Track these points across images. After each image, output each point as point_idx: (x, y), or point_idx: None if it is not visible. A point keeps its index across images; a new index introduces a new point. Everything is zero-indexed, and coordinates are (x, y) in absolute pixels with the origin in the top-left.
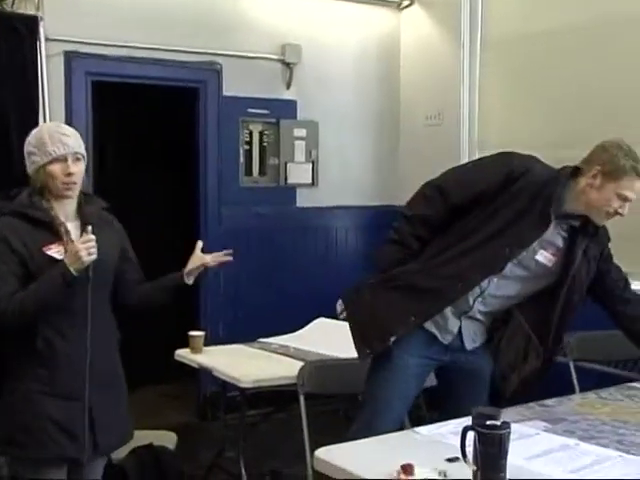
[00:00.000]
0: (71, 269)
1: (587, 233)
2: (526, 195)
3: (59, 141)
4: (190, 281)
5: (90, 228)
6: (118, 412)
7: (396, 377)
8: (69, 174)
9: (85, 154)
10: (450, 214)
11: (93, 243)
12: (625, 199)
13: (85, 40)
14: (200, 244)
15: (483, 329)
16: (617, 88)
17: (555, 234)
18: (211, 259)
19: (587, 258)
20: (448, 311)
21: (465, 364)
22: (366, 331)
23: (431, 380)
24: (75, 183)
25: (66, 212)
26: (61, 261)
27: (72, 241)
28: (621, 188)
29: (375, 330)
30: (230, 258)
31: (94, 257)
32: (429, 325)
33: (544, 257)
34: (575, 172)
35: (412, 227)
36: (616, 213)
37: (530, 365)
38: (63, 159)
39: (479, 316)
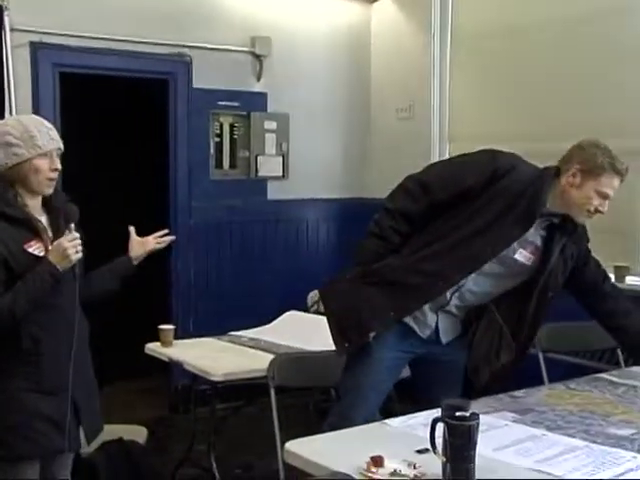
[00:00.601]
0: (58, 267)
1: (566, 231)
2: (510, 193)
3: (47, 135)
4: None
5: (73, 226)
6: (94, 402)
7: (372, 370)
8: (55, 169)
9: (61, 146)
10: (431, 210)
11: (79, 241)
12: (605, 196)
13: (52, 31)
14: (132, 229)
15: (458, 323)
16: (587, 82)
17: (535, 233)
18: (152, 240)
19: (564, 256)
20: (426, 306)
21: (440, 356)
22: (344, 326)
23: (404, 371)
24: (55, 179)
25: (35, 206)
26: (44, 259)
27: (49, 238)
28: (601, 185)
29: (354, 325)
30: (172, 237)
31: (80, 255)
32: (408, 319)
33: (523, 256)
34: (556, 172)
35: (394, 221)
36: (597, 211)
37: (502, 359)
38: (50, 154)
39: (455, 310)
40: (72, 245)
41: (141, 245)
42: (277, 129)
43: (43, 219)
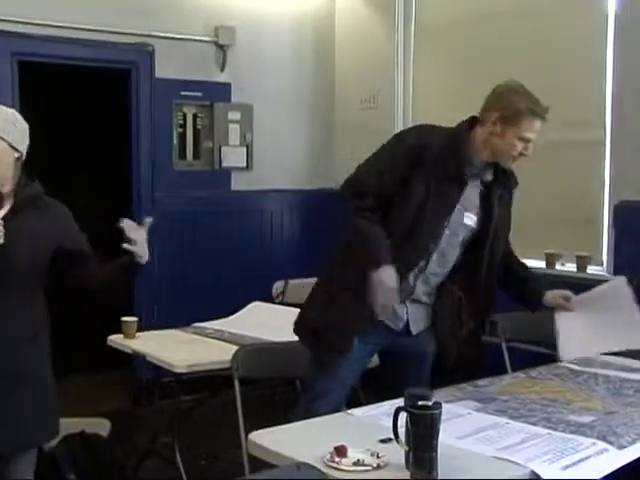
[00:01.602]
0: None
1: (500, 182)
2: (435, 162)
3: None
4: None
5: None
6: (36, 408)
7: (340, 364)
8: None
9: (5, 135)
10: (380, 205)
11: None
12: (527, 140)
13: (9, 18)
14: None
15: (428, 312)
16: (551, 72)
17: (473, 193)
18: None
19: (502, 207)
20: None
21: (409, 347)
22: (326, 335)
23: (373, 362)
24: None
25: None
26: None
27: None
28: (522, 131)
29: (336, 333)
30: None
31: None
32: None
33: (470, 219)
34: (473, 122)
35: (359, 201)
36: (521, 155)
37: (465, 329)
38: None
39: (424, 298)
40: None
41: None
42: (241, 120)
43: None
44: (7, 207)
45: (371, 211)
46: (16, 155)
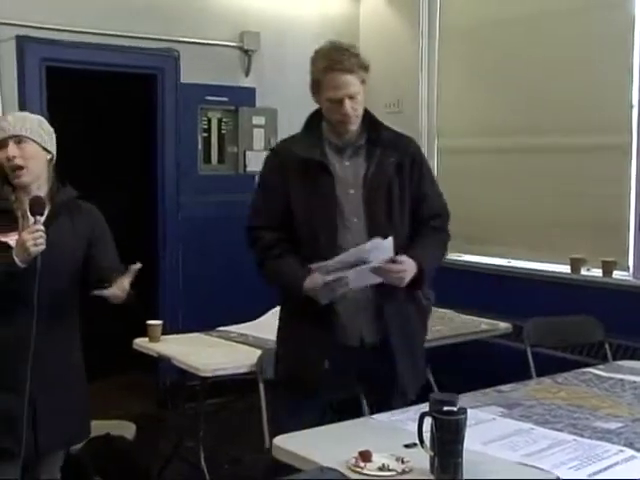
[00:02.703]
0: (16, 259)
1: (374, 142)
2: (298, 164)
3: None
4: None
5: (40, 218)
6: (67, 413)
7: (305, 406)
8: (7, 158)
9: (36, 137)
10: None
11: (40, 234)
12: (339, 100)
13: (39, 24)
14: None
15: (371, 314)
16: (577, 75)
17: (351, 169)
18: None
19: (384, 165)
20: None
21: (375, 372)
22: (295, 370)
23: None
24: (19, 167)
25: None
26: (9, 251)
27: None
28: (325, 92)
29: (303, 366)
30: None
31: (42, 248)
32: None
33: (353, 187)
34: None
35: (258, 244)
36: (345, 116)
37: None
38: (4, 144)
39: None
40: (32, 237)
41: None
42: (265, 124)
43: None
44: (46, 212)
45: (269, 247)
46: (48, 157)
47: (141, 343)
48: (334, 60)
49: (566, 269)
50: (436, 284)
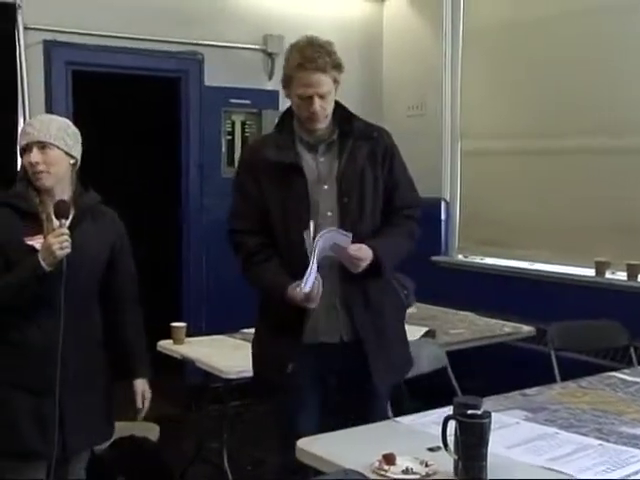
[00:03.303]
0: (42, 263)
1: (346, 134)
2: (270, 164)
3: (24, 132)
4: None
5: (65, 222)
6: (93, 413)
7: (291, 400)
8: (30, 163)
9: (59, 143)
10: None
11: (66, 237)
12: (308, 97)
13: (65, 29)
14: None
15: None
16: (600, 77)
17: (325, 164)
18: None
19: (356, 156)
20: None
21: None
22: (262, 370)
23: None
24: (42, 172)
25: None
26: (35, 254)
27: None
28: (295, 89)
29: (270, 365)
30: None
31: (67, 251)
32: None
33: (328, 183)
34: None
35: (240, 250)
36: (313, 114)
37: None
38: (29, 149)
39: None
40: (58, 241)
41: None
42: None
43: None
44: (71, 216)
45: (253, 254)
46: (71, 161)
47: (165, 345)
48: (307, 58)
49: (591, 272)
50: (458, 287)
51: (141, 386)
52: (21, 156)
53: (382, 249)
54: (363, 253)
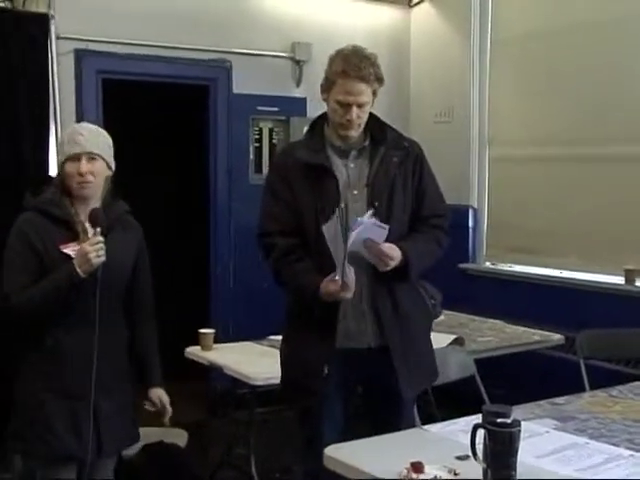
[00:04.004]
0: (79, 270)
1: (377, 142)
2: (301, 168)
3: (73, 140)
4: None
5: (99, 230)
6: (124, 414)
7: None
8: (80, 173)
9: (105, 154)
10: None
11: (102, 245)
12: (347, 104)
13: (95, 38)
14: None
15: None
16: (627, 84)
17: (356, 170)
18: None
19: (388, 164)
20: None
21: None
22: (294, 375)
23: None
24: (88, 182)
25: (88, 212)
26: (70, 262)
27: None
28: (335, 94)
29: (303, 370)
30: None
31: (102, 259)
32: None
33: (358, 189)
34: None
35: (272, 253)
36: (348, 122)
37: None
38: (76, 158)
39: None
40: (94, 249)
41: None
42: None
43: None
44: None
45: (285, 253)
46: (109, 173)
47: (193, 351)
48: (352, 66)
49: (620, 280)
50: (486, 294)
51: (156, 394)
52: (62, 163)
53: (411, 251)
54: (394, 252)
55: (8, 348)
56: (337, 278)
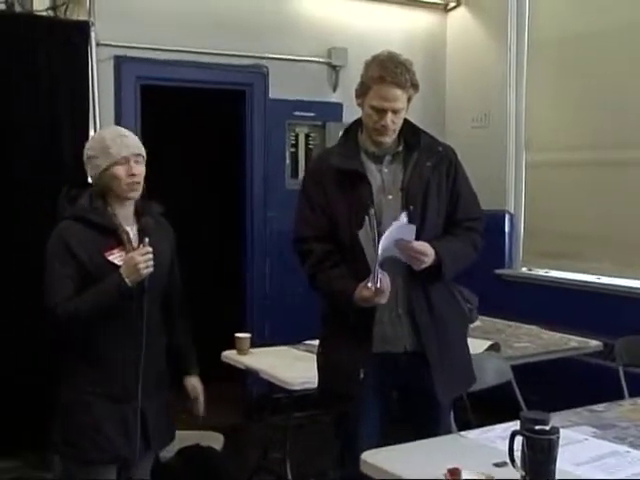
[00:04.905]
0: (127, 280)
1: (411, 147)
2: (335, 174)
3: (121, 143)
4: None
5: (147, 240)
6: (164, 415)
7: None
8: (132, 174)
9: (145, 155)
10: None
11: (151, 256)
12: (382, 110)
13: (134, 45)
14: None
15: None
16: None
17: (393, 173)
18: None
19: (421, 168)
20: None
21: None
22: (331, 381)
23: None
24: (139, 183)
25: (126, 215)
26: (117, 271)
27: (133, 249)
28: (370, 99)
29: (339, 375)
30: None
31: (151, 270)
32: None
33: (391, 193)
34: None
35: (308, 259)
36: (383, 127)
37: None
38: (125, 161)
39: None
40: (143, 259)
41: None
42: None
43: (133, 229)
44: (134, 225)
45: (320, 260)
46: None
47: (229, 355)
48: (388, 71)
49: None
50: (523, 300)
51: (191, 382)
52: (107, 167)
53: (443, 250)
54: (426, 248)
55: (55, 355)
56: (369, 285)
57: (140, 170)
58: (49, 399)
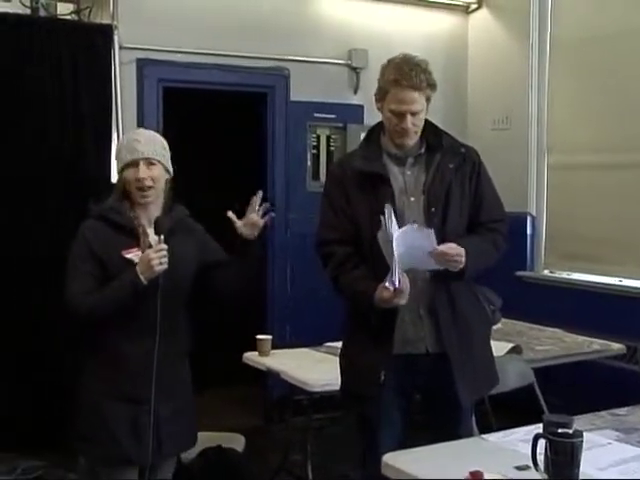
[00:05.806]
0: (141, 277)
1: (434, 149)
2: (357, 176)
3: (131, 147)
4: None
5: (162, 237)
6: (182, 417)
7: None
8: (138, 179)
9: (162, 159)
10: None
11: (165, 252)
12: (400, 113)
13: (157, 47)
14: (231, 214)
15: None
16: None
17: (416, 174)
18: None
19: (444, 170)
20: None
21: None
22: (352, 381)
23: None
24: (149, 188)
25: (149, 218)
26: (133, 268)
27: (149, 246)
28: (388, 103)
29: (360, 376)
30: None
31: (165, 267)
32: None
33: (413, 195)
34: None
35: (330, 262)
36: (403, 130)
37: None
38: (134, 164)
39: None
40: (157, 256)
41: (250, 226)
42: None
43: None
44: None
45: (343, 262)
46: (167, 177)
47: (251, 357)
48: (403, 74)
49: None
50: (545, 302)
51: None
52: (121, 170)
53: (464, 246)
54: (459, 249)
55: (72, 350)
56: (387, 285)
57: (149, 174)
58: (70, 398)
